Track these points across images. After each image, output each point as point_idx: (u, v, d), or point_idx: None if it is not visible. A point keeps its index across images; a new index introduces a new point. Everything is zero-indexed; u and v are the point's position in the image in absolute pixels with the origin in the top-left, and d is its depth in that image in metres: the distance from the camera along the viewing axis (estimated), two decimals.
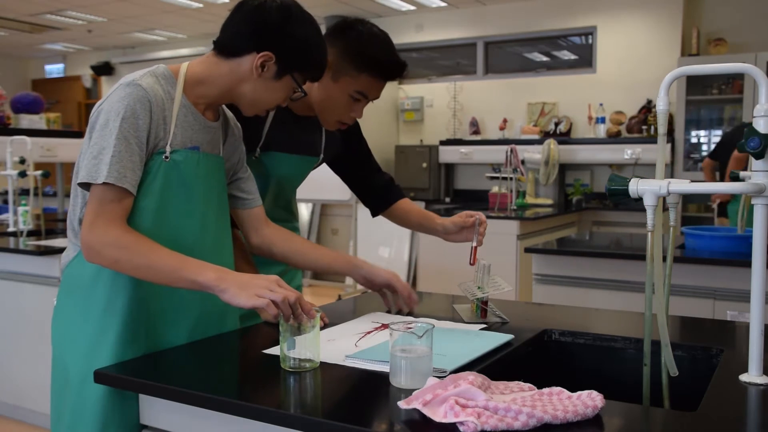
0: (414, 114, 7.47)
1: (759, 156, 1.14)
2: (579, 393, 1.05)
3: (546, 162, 6.12)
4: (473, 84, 7.23)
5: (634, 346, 1.51)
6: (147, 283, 1.37)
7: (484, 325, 1.62)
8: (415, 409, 1.03)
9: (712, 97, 6.00)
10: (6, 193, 4.78)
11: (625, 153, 6.17)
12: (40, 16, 7.78)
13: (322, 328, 1.52)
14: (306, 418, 1.04)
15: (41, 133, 4.66)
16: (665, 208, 1.41)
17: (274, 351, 1.36)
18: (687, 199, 6.09)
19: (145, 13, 7.57)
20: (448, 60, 7.67)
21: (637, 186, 1.17)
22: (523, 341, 1.48)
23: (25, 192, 4.21)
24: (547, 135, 6.59)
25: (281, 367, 1.26)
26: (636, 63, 6.36)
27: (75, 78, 10.40)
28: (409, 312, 1.74)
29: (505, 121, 6.88)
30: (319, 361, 1.28)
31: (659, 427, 1.07)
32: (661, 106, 1.18)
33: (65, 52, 10.31)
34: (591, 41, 6.71)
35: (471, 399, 1.01)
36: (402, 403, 1.04)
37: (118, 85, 1.38)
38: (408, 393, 1.07)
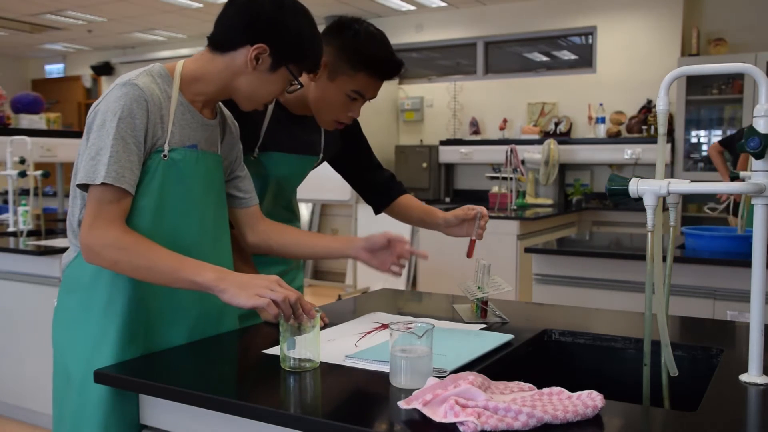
0: (414, 114, 7.47)
1: (759, 156, 1.14)
2: (579, 393, 1.05)
3: (546, 162, 6.12)
4: (473, 84, 7.23)
5: (634, 346, 1.51)
6: (146, 283, 1.37)
7: (484, 325, 1.62)
8: (415, 409, 1.03)
9: (712, 97, 6.00)
10: (6, 193, 4.78)
11: (625, 153, 6.17)
12: (40, 16, 7.79)
13: (322, 328, 1.52)
14: (306, 418, 1.04)
15: (41, 133, 4.66)
16: (665, 208, 1.41)
17: (274, 351, 1.36)
18: (687, 199, 6.09)
19: (145, 13, 7.57)
20: (448, 60, 7.67)
21: (637, 186, 1.17)
22: (523, 341, 1.48)
23: (25, 192, 4.21)
24: (547, 135, 6.59)
25: (281, 367, 1.26)
26: (636, 63, 6.36)
27: (75, 78, 10.40)
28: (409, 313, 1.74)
29: (505, 121, 6.88)
30: (319, 361, 1.28)
31: (659, 427, 1.07)
32: (661, 106, 1.18)
33: (65, 52, 10.32)
34: (591, 41, 6.71)
35: (471, 399, 1.01)
36: (402, 403, 1.04)
37: (114, 85, 1.38)
38: (408, 393, 1.07)
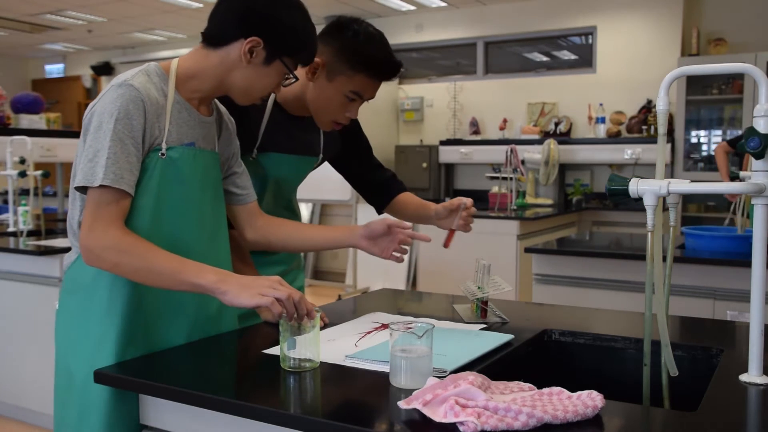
0: (414, 114, 7.47)
1: (759, 156, 1.14)
2: (579, 393, 1.05)
3: (546, 162, 6.12)
4: (473, 84, 7.23)
5: (634, 346, 1.51)
6: None
7: (484, 325, 1.62)
8: (415, 409, 1.03)
9: (712, 97, 6.00)
10: (6, 193, 4.78)
11: (625, 153, 6.17)
12: (40, 16, 7.79)
13: (322, 328, 1.52)
14: (306, 418, 1.04)
15: (41, 133, 4.66)
16: (665, 208, 1.41)
17: (274, 351, 1.36)
18: (687, 199, 6.09)
19: (145, 13, 7.57)
20: (448, 60, 7.67)
21: (637, 186, 1.17)
22: (523, 341, 1.48)
23: (25, 192, 4.21)
24: (547, 135, 6.59)
25: (281, 367, 1.26)
26: (636, 63, 6.36)
27: (75, 78, 10.40)
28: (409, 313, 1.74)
29: (505, 121, 6.88)
30: (319, 361, 1.28)
31: (659, 427, 1.07)
32: (661, 106, 1.18)
33: (65, 52, 10.31)
34: (591, 41, 6.71)
35: (471, 399, 1.01)
36: (402, 403, 1.04)
37: (110, 86, 1.37)
38: (408, 393, 1.07)
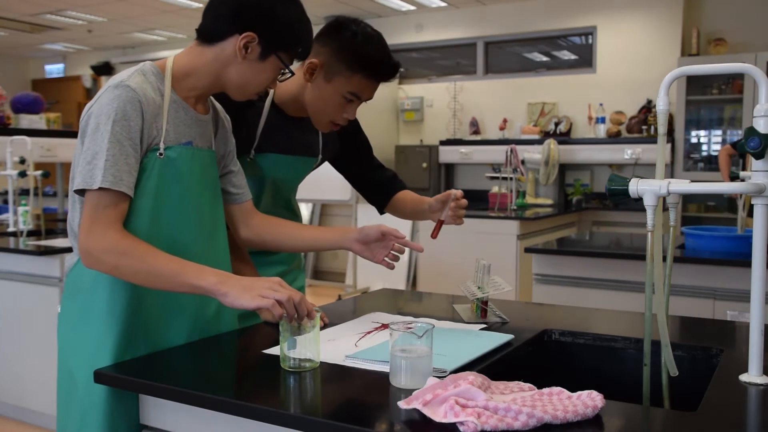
0: (414, 114, 7.47)
1: (759, 156, 1.14)
2: (579, 393, 1.05)
3: (546, 162, 6.12)
4: (473, 84, 7.23)
5: (634, 346, 1.51)
6: None
7: (484, 325, 1.62)
8: (415, 409, 1.03)
9: (712, 97, 6.00)
10: (6, 193, 4.78)
11: (625, 153, 6.17)
12: (40, 16, 7.79)
13: (322, 328, 1.52)
14: (306, 418, 1.04)
15: (41, 133, 4.66)
16: (665, 208, 1.41)
17: (274, 351, 1.36)
18: (687, 199, 6.09)
19: (145, 13, 7.57)
20: (448, 60, 7.67)
21: (637, 186, 1.17)
22: (523, 341, 1.48)
23: (25, 192, 4.21)
24: (547, 135, 6.59)
25: (281, 367, 1.26)
26: (636, 63, 6.36)
27: (75, 78, 10.40)
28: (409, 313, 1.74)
29: (505, 121, 6.88)
30: (319, 361, 1.28)
31: (659, 427, 1.07)
32: (661, 106, 1.18)
33: (65, 52, 10.31)
34: (591, 41, 6.71)
35: (471, 399, 1.01)
36: (402, 403, 1.04)
37: (107, 87, 1.36)
38: (408, 393, 1.07)
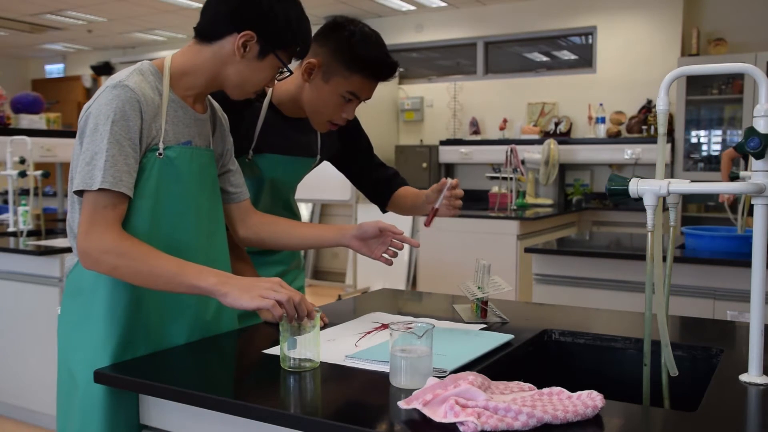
0: (414, 114, 7.47)
1: (759, 156, 1.14)
2: (579, 393, 1.05)
3: (546, 162, 6.12)
4: (473, 84, 7.23)
5: (634, 346, 1.51)
6: None
7: (484, 325, 1.62)
8: (415, 409, 1.03)
9: (712, 97, 6.00)
10: (6, 193, 4.78)
11: (625, 153, 6.17)
12: (40, 16, 7.79)
13: (322, 328, 1.52)
14: (306, 418, 1.04)
15: (41, 133, 4.66)
16: (665, 208, 1.41)
17: (274, 351, 1.36)
18: (687, 199, 6.09)
19: (145, 13, 7.57)
20: (448, 60, 7.67)
21: (637, 186, 1.17)
22: (523, 341, 1.48)
23: (25, 192, 4.21)
24: (547, 135, 6.59)
25: (281, 367, 1.26)
26: (636, 63, 6.36)
27: (75, 78, 10.40)
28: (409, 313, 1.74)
29: (505, 121, 6.88)
30: (319, 361, 1.28)
31: (659, 427, 1.07)
32: (661, 106, 1.18)
33: (65, 52, 10.31)
34: (591, 41, 6.71)
35: (471, 399, 1.01)
36: (402, 403, 1.04)
37: (105, 87, 1.36)
38: (408, 393, 1.07)
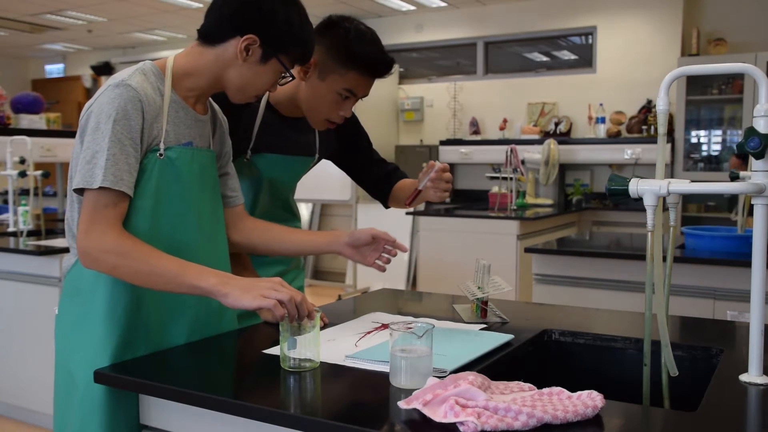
0: (414, 114, 7.47)
1: (759, 156, 1.14)
2: (579, 393, 1.05)
3: (546, 162, 6.12)
4: (473, 84, 7.23)
5: (634, 346, 1.51)
6: None
7: (484, 325, 1.62)
8: (415, 409, 1.03)
9: (712, 97, 6.00)
10: (6, 193, 4.78)
11: (625, 153, 6.17)
12: (40, 16, 7.78)
13: (322, 328, 1.52)
14: (306, 418, 1.04)
15: (41, 133, 4.66)
16: (665, 208, 1.41)
17: (274, 351, 1.36)
18: (687, 199, 6.09)
19: (145, 13, 7.57)
20: (448, 60, 7.67)
21: (637, 186, 1.17)
22: (523, 341, 1.48)
23: (25, 192, 4.21)
24: (547, 135, 6.59)
25: (281, 367, 1.26)
26: (636, 63, 6.36)
27: (75, 78, 10.40)
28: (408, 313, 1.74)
29: (505, 121, 6.88)
30: (319, 361, 1.28)
31: (659, 427, 1.07)
32: (661, 106, 1.18)
33: (65, 52, 10.31)
34: (591, 41, 6.71)
35: (471, 399, 1.01)
36: (402, 403, 1.04)
37: (107, 86, 1.36)
38: (408, 393, 1.07)
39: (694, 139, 6.19)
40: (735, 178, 2.83)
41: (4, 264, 3.43)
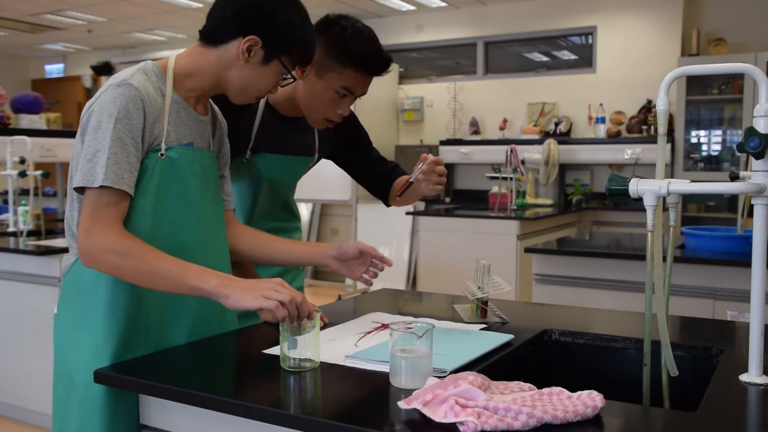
0: (414, 114, 7.46)
1: (759, 156, 1.14)
2: (579, 393, 1.05)
3: (546, 162, 6.12)
4: (473, 84, 7.23)
5: (634, 346, 1.51)
6: None
7: (484, 325, 1.62)
8: (415, 409, 1.03)
9: (712, 97, 6.00)
10: (6, 193, 4.78)
11: (625, 153, 6.17)
12: (40, 16, 7.78)
13: (322, 328, 1.52)
14: (306, 418, 1.04)
15: (41, 133, 4.66)
16: (665, 208, 1.41)
17: (274, 351, 1.36)
18: (687, 199, 6.09)
19: (145, 13, 7.57)
20: (448, 60, 7.67)
21: (637, 186, 1.17)
22: (523, 341, 1.48)
23: (25, 192, 4.21)
24: (547, 135, 6.59)
25: (281, 367, 1.26)
26: (636, 63, 6.36)
27: (75, 78, 10.40)
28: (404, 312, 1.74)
29: (505, 121, 6.88)
30: (319, 361, 1.28)
31: (659, 427, 1.07)
32: (661, 106, 1.18)
33: (65, 52, 10.31)
34: (591, 41, 6.71)
35: (471, 399, 1.01)
36: (402, 403, 1.04)
37: (108, 85, 1.35)
38: (408, 393, 1.07)
39: (694, 139, 6.19)
40: (735, 178, 2.83)
41: (4, 264, 3.43)
